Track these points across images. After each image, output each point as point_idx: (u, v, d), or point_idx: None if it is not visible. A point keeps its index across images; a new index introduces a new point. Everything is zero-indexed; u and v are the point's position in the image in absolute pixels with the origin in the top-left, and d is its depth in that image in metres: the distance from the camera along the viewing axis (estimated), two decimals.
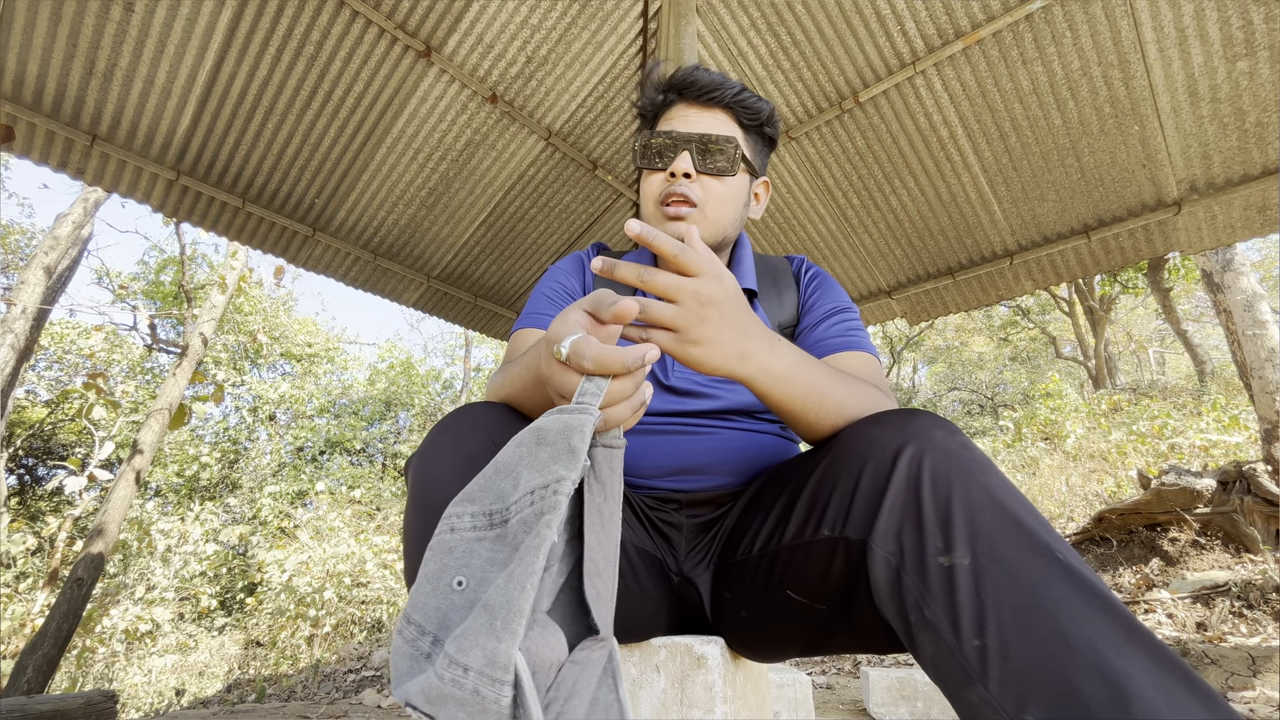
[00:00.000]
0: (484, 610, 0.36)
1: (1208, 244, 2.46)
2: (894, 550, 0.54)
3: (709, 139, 0.85)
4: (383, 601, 7.02)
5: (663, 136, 0.86)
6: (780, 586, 0.68)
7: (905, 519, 0.54)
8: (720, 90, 0.88)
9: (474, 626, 0.36)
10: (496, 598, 0.36)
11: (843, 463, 0.61)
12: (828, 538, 0.61)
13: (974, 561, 0.50)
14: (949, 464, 0.54)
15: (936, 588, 0.50)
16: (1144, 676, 0.42)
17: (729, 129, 0.89)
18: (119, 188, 2.28)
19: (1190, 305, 12.86)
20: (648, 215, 0.90)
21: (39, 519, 9.92)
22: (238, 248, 6.92)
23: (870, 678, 2.19)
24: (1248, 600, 3.24)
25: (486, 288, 3.33)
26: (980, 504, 0.52)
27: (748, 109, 0.90)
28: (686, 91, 0.89)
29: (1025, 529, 0.50)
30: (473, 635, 0.35)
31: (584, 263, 1.01)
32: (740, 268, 0.96)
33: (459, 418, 0.62)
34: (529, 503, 0.41)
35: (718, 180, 0.87)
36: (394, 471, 13.18)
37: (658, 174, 0.87)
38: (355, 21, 2.10)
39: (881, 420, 0.61)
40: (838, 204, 2.87)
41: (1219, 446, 6.08)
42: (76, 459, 7.93)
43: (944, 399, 17.33)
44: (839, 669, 3.38)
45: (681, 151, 0.85)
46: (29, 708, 2.49)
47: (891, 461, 0.56)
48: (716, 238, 0.89)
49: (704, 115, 0.89)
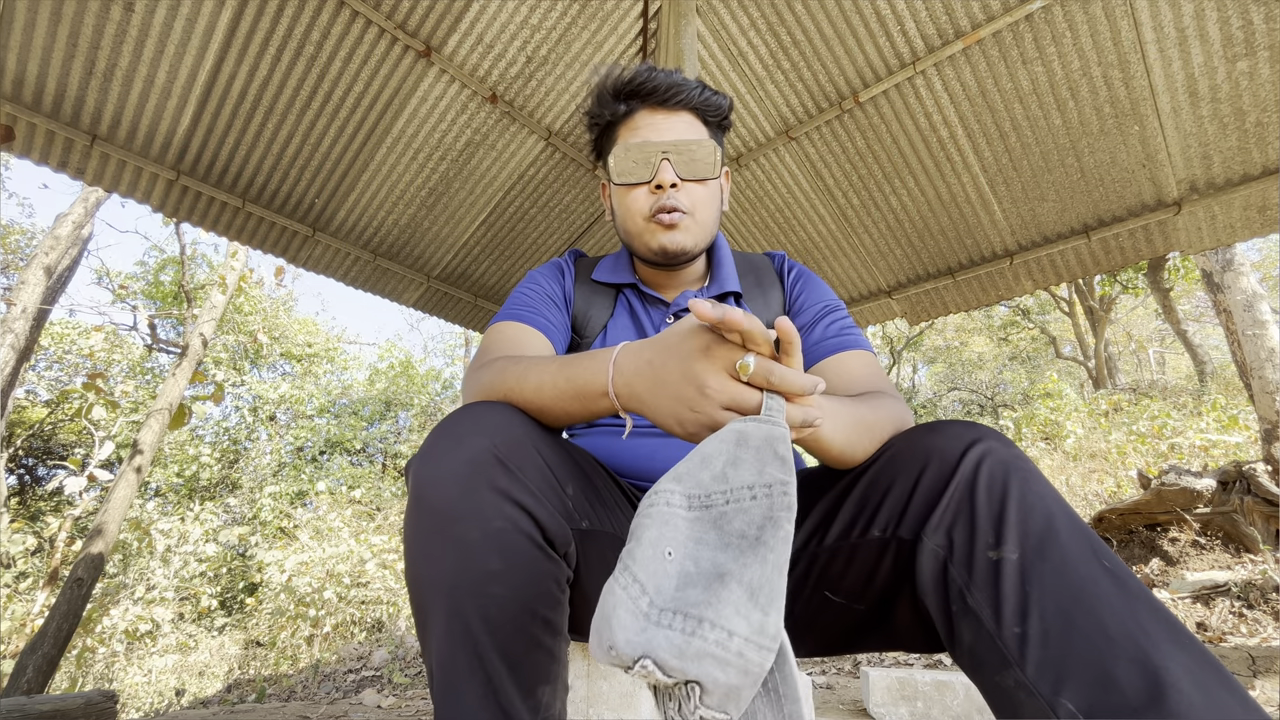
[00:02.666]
0: (738, 584, 0.41)
1: (1208, 244, 2.46)
2: (944, 544, 0.56)
3: (686, 145, 0.83)
4: (383, 601, 7.02)
5: (638, 148, 0.83)
6: (817, 588, 0.69)
7: (959, 516, 0.56)
8: (683, 91, 0.85)
9: (730, 597, 0.40)
10: (755, 577, 0.41)
11: (898, 467, 0.62)
12: (878, 538, 0.62)
13: (1022, 557, 0.52)
14: (1006, 470, 0.56)
15: (982, 578, 0.52)
16: (1182, 672, 0.43)
17: (698, 130, 0.87)
18: (119, 188, 2.28)
19: (1190, 305, 12.86)
20: (635, 230, 0.87)
21: (39, 519, 9.92)
22: (238, 248, 6.93)
23: (870, 678, 2.19)
24: (1248, 600, 3.24)
25: (486, 288, 3.33)
26: (1033, 507, 0.54)
27: (712, 107, 0.87)
28: (650, 97, 0.85)
29: (1073, 534, 0.52)
30: (732, 605, 0.40)
31: (563, 268, 0.99)
32: (722, 270, 0.95)
33: (459, 420, 0.61)
34: (750, 497, 0.45)
35: (701, 185, 0.85)
36: (394, 471, 13.18)
37: (638, 189, 0.85)
38: (355, 21, 2.10)
39: (939, 429, 0.62)
40: (838, 204, 2.87)
41: (1219, 446, 6.08)
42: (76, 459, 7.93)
43: (944, 399, 17.33)
44: (839, 669, 3.37)
45: (662, 161, 0.82)
46: (29, 708, 2.49)
47: (954, 466, 0.58)
48: (705, 243, 0.89)
49: (671, 119, 0.85)
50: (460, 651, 0.54)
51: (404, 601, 7.15)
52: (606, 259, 1.01)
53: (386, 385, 14.39)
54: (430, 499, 0.57)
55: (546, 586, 0.58)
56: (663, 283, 0.95)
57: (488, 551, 0.55)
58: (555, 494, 0.62)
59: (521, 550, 0.57)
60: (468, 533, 0.55)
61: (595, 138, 0.92)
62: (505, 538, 0.56)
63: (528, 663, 0.56)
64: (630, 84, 0.85)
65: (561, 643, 0.61)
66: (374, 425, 14.10)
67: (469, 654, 0.54)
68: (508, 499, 0.57)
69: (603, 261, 1.00)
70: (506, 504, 0.56)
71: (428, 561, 0.56)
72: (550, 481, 0.62)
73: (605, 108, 0.88)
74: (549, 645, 0.59)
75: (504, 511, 0.56)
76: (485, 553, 0.55)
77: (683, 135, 0.84)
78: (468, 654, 0.54)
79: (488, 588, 0.55)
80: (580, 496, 0.67)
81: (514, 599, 0.56)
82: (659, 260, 0.88)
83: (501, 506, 0.56)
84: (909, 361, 18.28)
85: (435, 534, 0.56)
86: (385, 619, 6.90)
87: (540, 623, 0.58)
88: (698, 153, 0.83)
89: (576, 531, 0.64)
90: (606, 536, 0.69)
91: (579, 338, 0.95)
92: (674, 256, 0.86)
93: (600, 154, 0.93)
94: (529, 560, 0.57)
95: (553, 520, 0.59)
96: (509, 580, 0.56)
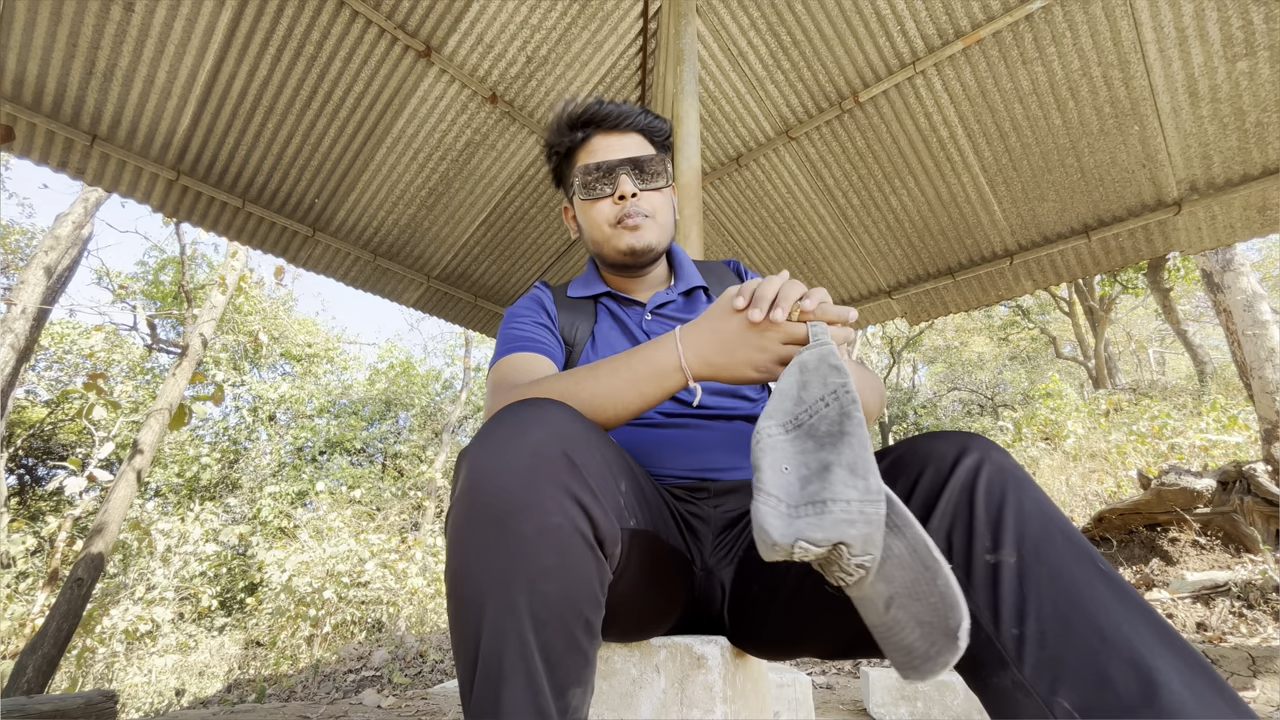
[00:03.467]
0: (841, 468, 0.53)
1: (1208, 244, 2.46)
2: (942, 547, 0.57)
3: (640, 160, 0.95)
4: (382, 601, 7.02)
5: (599, 167, 0.95)
6: (820, 583, 0.69)
7: (957, 519, 0.58)
8: (631, 117, 0.98)
9: (838, 478, 0.52)
10: (852, 458, 0.53)
11: (899, 469, 0.65)
12: None
13: (1019, 561, 0.53)
14: (1003, 476, 0.59)
15: (980, 581, 0.54)
16: (1175, 674, 0.44)
17: (648, 148, 0.99)
18: (119, 188, 2.28)
19: (1190, 305, 12.87)
20: (603, 237, 0.97)
21: (39, 519, 9.92)
22: (238, 248, 6.93)
23: (870, 678, 2.19)
24: (1248, 600, 3.24)
25: (486, 288, 3.33)
26: (1030, 513, 0.56)
27: (655, 129, 1.00)
28: (603, 123, 0.97)
29: (1069, 539, 0.54)
30: (842, 482, 0.52)
31: (540, 296, 1.06)
32: (684, 269, 1.06)
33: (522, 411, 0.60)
34: (824, 405, 0.57)
35: (658, 194, 0.98)
36: (394, 471, 13.19)
37: (602, 201, 0.96)
38: (355, 21, 2.10)
39: (938, 437, 0.65)
40: (838, 204, 2.87)
41: (1219, 446, 6.08)
42: (76, 459, 7.93)
43: (944, 399, 17.33)
44: (839, 669, 3.37)
45: (620, 175, 0.94)
46: (29, 708, 2.49)
47: (950, 469, 0.60)
48: (667, 243, 1.00)
49: (622, 140, 0.97)
50: (507, 648, 0.54)
51: (404, 601, 7.15)
52: (577, 279, 1.11)
53: (386, 385, 14.40)
54: (487, 489, 0.56)
55: (592, 588, 0.58)
56: (633, 287, 1.05)
57: (543, 547, 0.55)
58: (611, 492, 0.62)
59: (574, 548, 0.56)
60: (523, 527, 0.55)
61: (555, 166, 1.04)
62: (561, 535, 0.56)
63: (565, 664, 0.56)
64: (585, 114, 0.98)
65: (596, 645, 0.61)
66: (374, 425, 14.11)
67: (515, 651, 0.54)
68: (569, 495, 0.56)
69: (573, 282, 1.10)
70: (567, 500, 0.56)
71: (479, 553, 0.56)
72: (608, 479, 0.62)
73: (564, 136, 0.99)
74: (585, 647, 0.58)
75: (564, 507, 0.56)
76: (540, 549, 0.55)
77: (636, 152, 0.97)
78: (514, 651, 0.54)
79: (539, 584, 0.54)
80: (630, 494, 0.68)
81: (562, 598, 0.55)
82: (628, 261, 0.97)
83: (562, 502, 0.56)
84: (909, 361, 18.28)
85: (490, 525, 0.55)
86: (385, 619, 6.90)
87: (582, 624, 0.57)
88: (651, 165, 0.96)
89: (625, 530, 0.64)
90: (649, 536, 0.71)
91: (570, 350, 1.01)
92: (641, 255, 0.96)
93: (560, 180, 1.06)
94: (580, 559, 0.57)
95: (606, 519, 0.59)
96: (560, 579, 0.55)
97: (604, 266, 1.04)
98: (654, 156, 0.97)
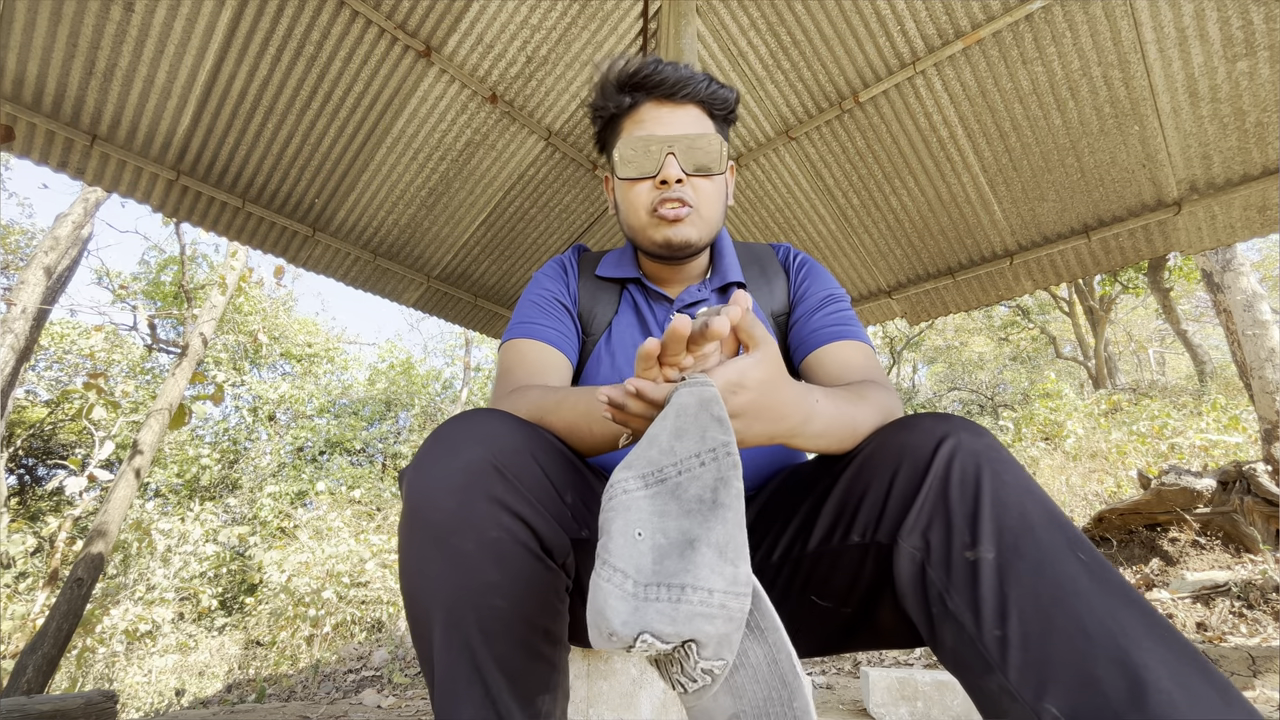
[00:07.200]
0: (708, 547, 0.44)
1: (1208, 244, 2.46)
2: (920, 546, 0.55)
3: (693, 140, 0.81)
4: (383, 601, 7.02)
5: (643, 142, 0.81)
6: (804, 591, 0.68)
7: (934, 517, 0.55)
8: (689, 85, 0.83)
9: (703, 560, 0.44)
10: (724, 537, 0.44)
11: (873, 469, 0.61)
12: (858, 544, 0.62)
13: (998, 556, 0.51)
14: (978, 464, 0.55)
15: (960, 581, 0.52)
16: (1162, 669, 0.43)
17: (704, 125, 0.85)
18: (119, 188, 2.28)
19: (1190, 305, 12.86)
20: (639, 224, 0.85)
21: (39, 519, 9.92)
22: (238, 248, 6.92)
23: (870, 678, 2.18)
24: (1248, 600, 3.24)
25: (486, 288, 3.33)
26: (1007, 502, 0.53)
27: (719, 100, 0.85)
28: (656, 90, 0.83)
29: (1049, 527, 0.52)
30: (706, 566, 0.44)
31: (566, 266, 0.98)
32: (724, 261, 0.94)
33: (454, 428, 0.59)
34: (699, 464, 0.48)
35: (707, 180, 0.84)
36: (394, 472, 13.18)
37: (642, 183, 0.83)
38: (355, 21, 2.10)
39: (910, 425, 0.61)
40: (838, 204, 2.87)
41: (1219, 446, 6.08)
42: (76, 459, 7.93)
43: (944, 399, 17.32)
44: (839, 669, 3.37)
45: (667, 156, 0.80)
46: (29, 708, 2.49)
47: (925, 466, 0.57)
48: (710, 236, 0.88)
49: (677, 112, 0.83)
50: (459, 664, 0.54)
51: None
52: (611, 254, 1.00)
53: (386, 385, 14.39)
54: (425, 509, 0.55)
55: (546, 597, 0.58)
56: (666, 277, 0.94)
57: (485, 563, 0.54)
58: (554, 503, 0.61)
59: (519, 561, 0.56)
60: (463, 544, 0.54)
61: (599, 130, 0.90)
62: (502, 548, 0.55)
63: (527, 673, 0.56)
64: (636, 76, 0.83)
65: (561, 651, 0.61)
66: (374, 425, 14.10)
67: (467, 667, 0.54)
68: (504, 508, 0.56)
69: (607, 256, 0.99)
70: (503, 514, 0.56)
71: (423, 573, 0.55)
72: (548, 490, 0.61)
73: (610, 100, 0.85)
74: (549, 655, 0.58)
75: (500, 521, 0.55)
76: (482, 564, 0.54)
77: (689, 129, 0.83)
78: (466, 667, 0.54)
79: (486, 599, 0.54)
80: (580, 505, 0.66)
81: (512, 610, 0.55)
82: (663, 254, 0.86)
83: (498, 516, 0.55)
84: (909, 361, 18.27)
85: (431, 545, 0.55)
86: (385, 619, 6.89)
87: (540, 633, 0.57)
88: (704, 147, 0.82)
89: (576, 541, 0.63)
90: None
91: (585, 335, 0.94)
92: (678, 250, 0.85)
93: (604, 147, 0.91)
94: (527, 571, 0.56)
95: (550, 530, 0.58)
96: (507, 591, 0.55)
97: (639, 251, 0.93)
98: (709, 135, 0.82)
